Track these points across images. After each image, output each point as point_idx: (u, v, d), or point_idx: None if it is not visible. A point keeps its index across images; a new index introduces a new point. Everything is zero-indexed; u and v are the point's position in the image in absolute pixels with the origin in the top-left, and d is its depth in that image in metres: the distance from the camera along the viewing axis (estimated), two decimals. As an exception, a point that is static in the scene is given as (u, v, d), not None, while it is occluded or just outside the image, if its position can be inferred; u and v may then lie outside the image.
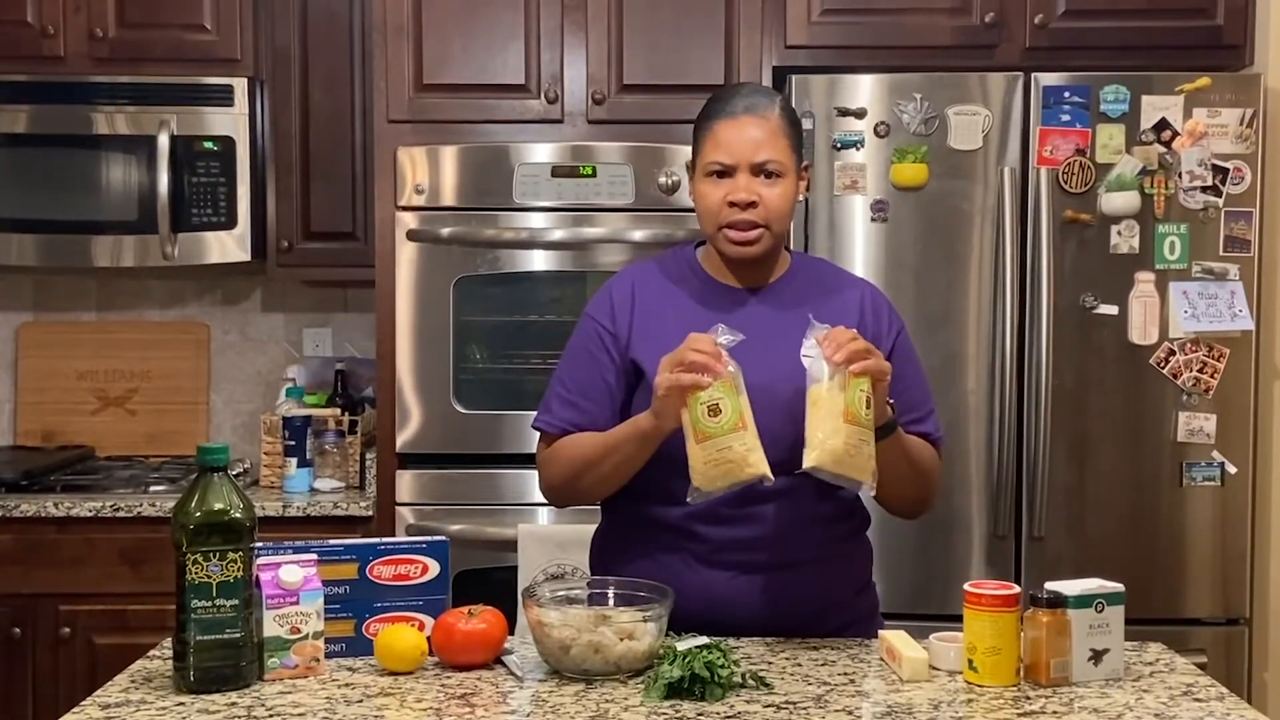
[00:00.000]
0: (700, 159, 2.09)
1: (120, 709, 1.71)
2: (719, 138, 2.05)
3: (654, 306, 2.11)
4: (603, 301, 2.15)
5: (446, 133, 3.27)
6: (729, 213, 2.04)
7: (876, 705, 1.73)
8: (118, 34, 3.48)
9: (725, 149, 2.04)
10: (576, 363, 2.13)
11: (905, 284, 3.12)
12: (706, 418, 1.87)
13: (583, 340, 2.14)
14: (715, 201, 2.05)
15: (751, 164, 2.04)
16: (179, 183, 3.46)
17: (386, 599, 1.96)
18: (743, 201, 2.03)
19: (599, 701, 1.74)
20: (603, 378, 2.10)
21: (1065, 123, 3.10)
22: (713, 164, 2.05)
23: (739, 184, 2.04)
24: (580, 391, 2.11)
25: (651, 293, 2.13)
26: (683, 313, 2.09)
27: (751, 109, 2.05)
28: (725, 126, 2.05)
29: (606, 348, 2.10)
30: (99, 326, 3.92)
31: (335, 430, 3.53)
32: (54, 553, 3.28)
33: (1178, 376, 3.12)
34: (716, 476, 1.88)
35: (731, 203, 2.04)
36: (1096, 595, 1.83)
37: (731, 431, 1.87)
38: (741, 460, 1.87)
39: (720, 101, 2.09)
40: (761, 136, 2.04)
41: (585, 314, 2.16)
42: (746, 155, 2.04)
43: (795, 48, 3.27)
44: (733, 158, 2.04)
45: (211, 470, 1.79)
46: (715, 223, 2.07)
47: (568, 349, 2.17)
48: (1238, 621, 3.17)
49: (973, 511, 3.14)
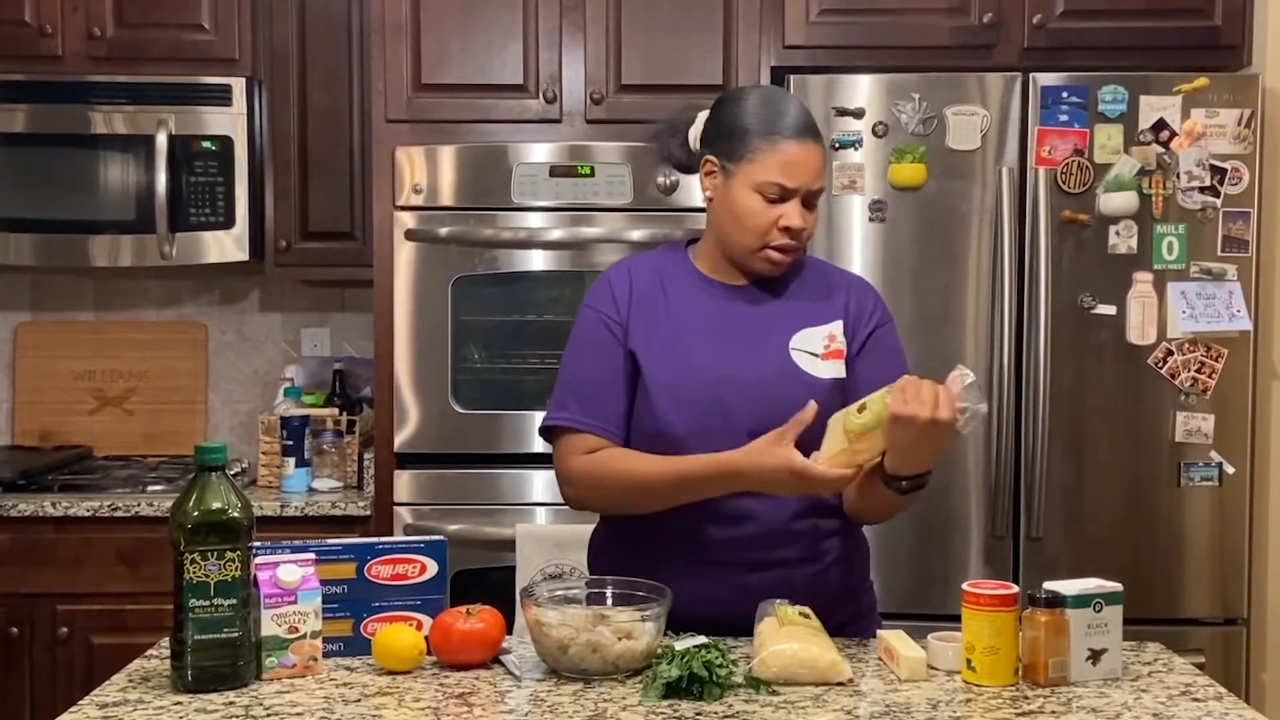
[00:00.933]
0: (750, 170, 2.01)
1: (118, 708, 1.71)
2: (786, 157, 1.99)
3: (649, 299, 2.10)
4: (603, 292, 2.12)
5: (445, 132, 3.27)
6: (778, 236, 2.02)
7: (874, 705, 1.73)
8: (116, 33, 3.48)
9: (790, 173, 1.99)
10: (587, 355, 2.09)
11: (903, 284, 3.12)
12: (854, 411, 1.88)
13: (589, 332, 2.10)
14: (765, 222, 2.01)
15: (808, 191, 2.02)
16: (177, 182, 3.46)
17: (384, 598, 1.96)
18: (798, 229, 2.02)
19: (597, 701, 1.74)
20: (618, 368, 2.07)
21: (1063, 123, 3.10)
22: (771, 184, 2.00)
23: (796, 210, 2.01)
24: (597, 384, 2.07)
25: (647, 286, 2.11)
26: (676, 308, 2.09)
27: (812, 130, 2.02)
28: (793, 147, 2.00)
29: (616, 336, 2.08)
30: (97, 326, 3.92)
31: (333, 430, 3.53)
32: (52, 552, 3.28)
33: (1175, 377, 3.12)
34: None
35: (786, 228, 2.01)
36: (1095, 595, 1.83)
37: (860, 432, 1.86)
38: None
39: (774, 114, 2.02)
40: (820, 164, 2.03)
41: (586, 306, 2.13)
42: (809, 182, 2.01)
43: (793, 48, 3.27)
44: (796, 183, 2.00)
45: (209, 470, 1.79)
46: (760, 241, 2.03)
47: (574, 342, 2.12)
48: (1235, 621, 3.17)
49: (971, 511, 3.14)
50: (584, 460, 2.06)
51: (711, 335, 2.07)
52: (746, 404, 2.01)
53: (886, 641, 1.90)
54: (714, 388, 2.03)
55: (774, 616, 1.88)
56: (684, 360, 2.05)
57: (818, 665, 1.79)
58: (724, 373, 2.03)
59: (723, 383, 2.03)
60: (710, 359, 2.04)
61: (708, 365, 2.04)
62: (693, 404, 2.02)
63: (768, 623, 1.88)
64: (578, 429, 2.07)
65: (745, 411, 2.01)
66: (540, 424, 2.13)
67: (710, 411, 2.02)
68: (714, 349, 2.05)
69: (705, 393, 2.02)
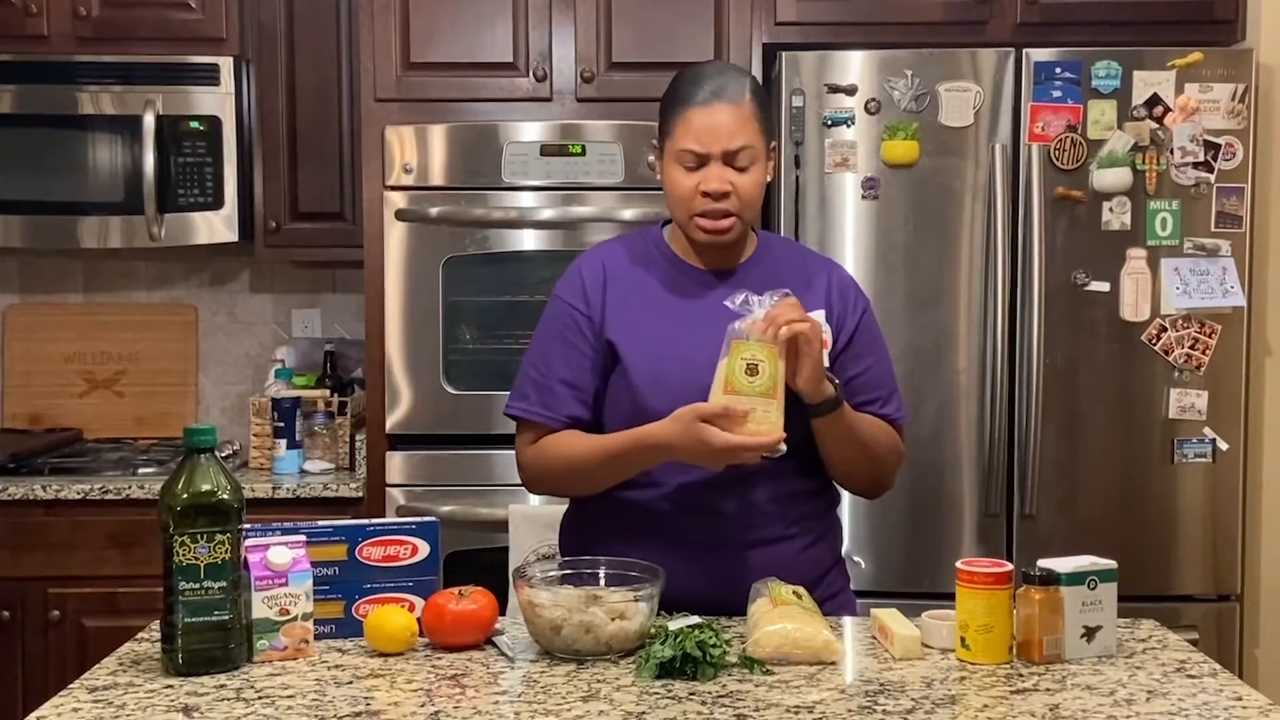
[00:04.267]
0: (670, 144, 2.04)
1: (109, 691, 1.70)
2: (691, 124, 2.01)
3: (625, 286, 2.10)
4: (573, 282, 2.12)
5: (434, 111, 3.25)
6: (701, 202, 2.03)
7: (869, 683, 1.73)
8: (101, 13, 3.45)
9: (698, 137, 2.01)
10: (551, 346, 2.11)
11: (896, 262, 3.11)
12: (743, 374, 1.88)
13: (556, 323, 2.11)
14: (687, 190, 2.03)
15: (725, 152, 2.01)
16: (165, 163, 3.44)
17: (376, 580, 1.95)
18: (716, 192, 2.01)
19: (590, 681, 1.73)
20: (579, 362, 2.08)
21: (1056, 99, 3.09)
22: (685, 152, 2.02)
23: (712, 173, 2.01)
24: (556, 376, 2.08)
25: (622, 273, 2.12)
26: (653, 295, 2.08)
27: (722, 93, 2.02)
28: (697, 113, 2.01)
29: (582, 330, 2.08)
30: (86, 308, 3.90)
31: (324, 412, 3.52)
32: (43, 536, 3.27)
33: (1169, 353, 3.12)
34: None
35: (704, 192, 2.02)
36: (1089, 572, 1.83)
37: (761, 396, 1.87)
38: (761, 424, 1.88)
39: (690, 85, 2.04)
40: (734, 124, 2.01)
41: (555, 296, 2.14)
42: (720, 144, 2.01)
43: (785, 24, 3.25)
44: (705, 146, 2.01)
45: (199, 452, 1.78)
46: (687, 210, 2.05)
47: (540, 331, 2.14)
48: (1229, 598, 3.18)
49: (964, 490, 3.14)
50: (532, 448, 2.10)
51: (689, 320, 2.06)
52: None
53: (880, 620, 1.90)
54: (693, 373, 2.00)
55: (767, 596, 1.88)
56: (661, 346, 2.05)
57: (811, 645, 1.78)
58: (702, 359, 1.99)
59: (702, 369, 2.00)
60: (688, 345, 2.02)
61: (686, 352, 2.02)
62: (672, 389, 2.00)
63: (761, 603, 1.87)
64: (530, 418, 2.09)
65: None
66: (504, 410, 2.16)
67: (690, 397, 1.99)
68: (692, 334, 2.03)
69: (684, 378, 2.01)
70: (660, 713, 1.62)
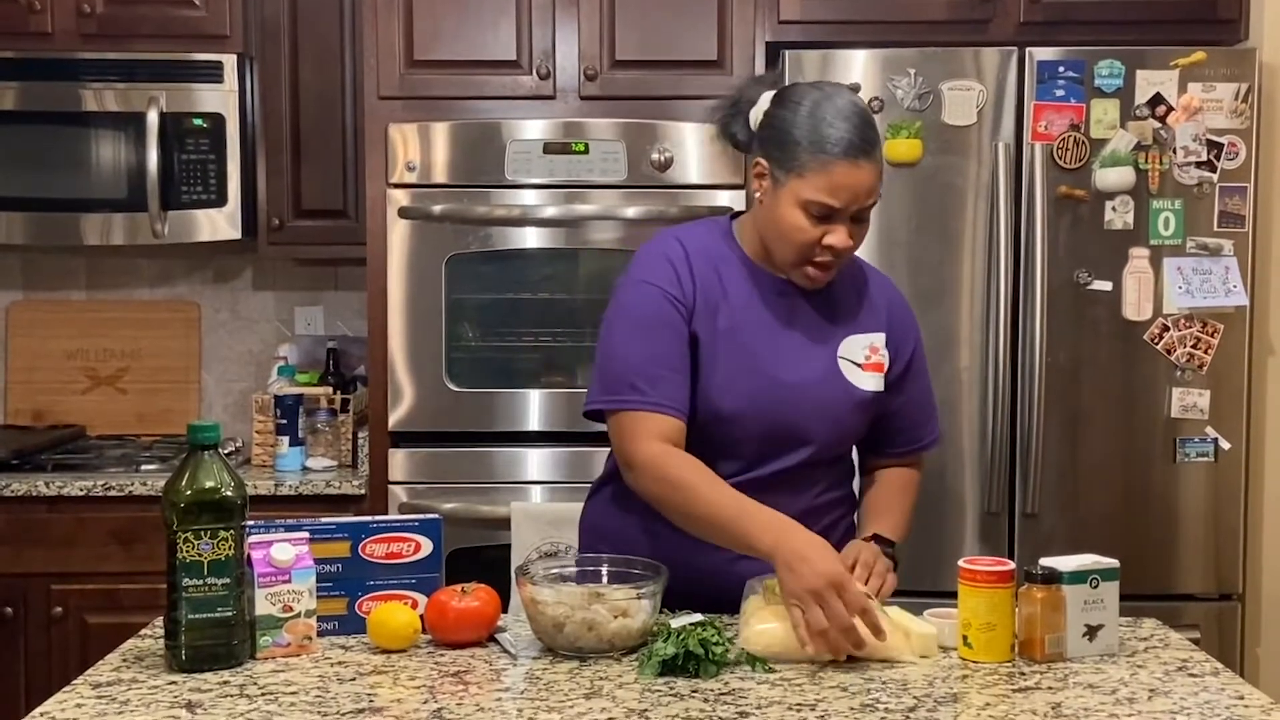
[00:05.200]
0: (800, 185, 1.94)
1: (112, 688, 1.71)
2: (834, 177, 1.92)
3: (709, 283, 2.04)
4: (663, 269, 2.02)
5: (438, 109, 3.25)
6: (821, 253, 1.98)
7: (871, 681, 1.73)
8: (105, 10, 3.45)
9: (839, 195, 1.93)
10: (654, 333, 2.00)
11: (898, 260, 3.11)
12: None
13: (653, 309, 2.00)
14: (810, 239, 1.96)
15: (860, 208, 1.97)
16: (168, 160, 3.44)
17: (379, 577, 1.95)
18: (841, 249, 1.97)
19: (593, 679, 1.73)
20: (681, 349, 2.00)
21: (1059, 98, 3.08)
22: (818, 203, 1.93)
23: (840, 230, 1.95)
24: (668, 364, 1.99)
25: (704, 268, 2.04)
26: (732, 295, 2.04)
27: (870, 151, 1.94)
28: (844, 168, 1.92)
29: (682, 316, 2.01)
30: (89, 305, 3.90)
31: (327, 409, 3.52)
32: (45, 532, 3.27)
33: (1171, 352, 3.12)
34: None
35: (829, 245, 1.96)
36: (1091, 571, 1.83)
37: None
38: None
39: (836, 132, 1.92)
40: (873, 182, 1.96)
41: (643, 281, 2.02)
42: (858, 204, 1.95)
43: (788, 23, 3.25)
44: (844, 204, 1.94)
45: (202, 448, 1.78)
46: (802, 257, 1.98)
47: (630, 319, 2.02)
48: (1230, 597, 3.18)
49: (966, 488, 3.14)
50: (657, 450, 1.96)
51: (768, 331, 2.04)
52: (795, 406, 2.03)
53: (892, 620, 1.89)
54: (769, 387, 2.02)
55: (759, 594, 1.88)
56: (743, 355, 2.02)
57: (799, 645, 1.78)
58: (778, 372, 2.02)
59: (777, 384, 2.02)
60: (767, 356, 2.03)
61: (764, 365, 2.02)
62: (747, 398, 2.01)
63: (753, 600, 1.88)
64: (650, 410, 1.97)
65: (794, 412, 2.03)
66: (593, 405, 2.03)
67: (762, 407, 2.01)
68: (770, 346, 2.03)
69: (761, 389, 2.01)
70: (663, 710, 1.62)
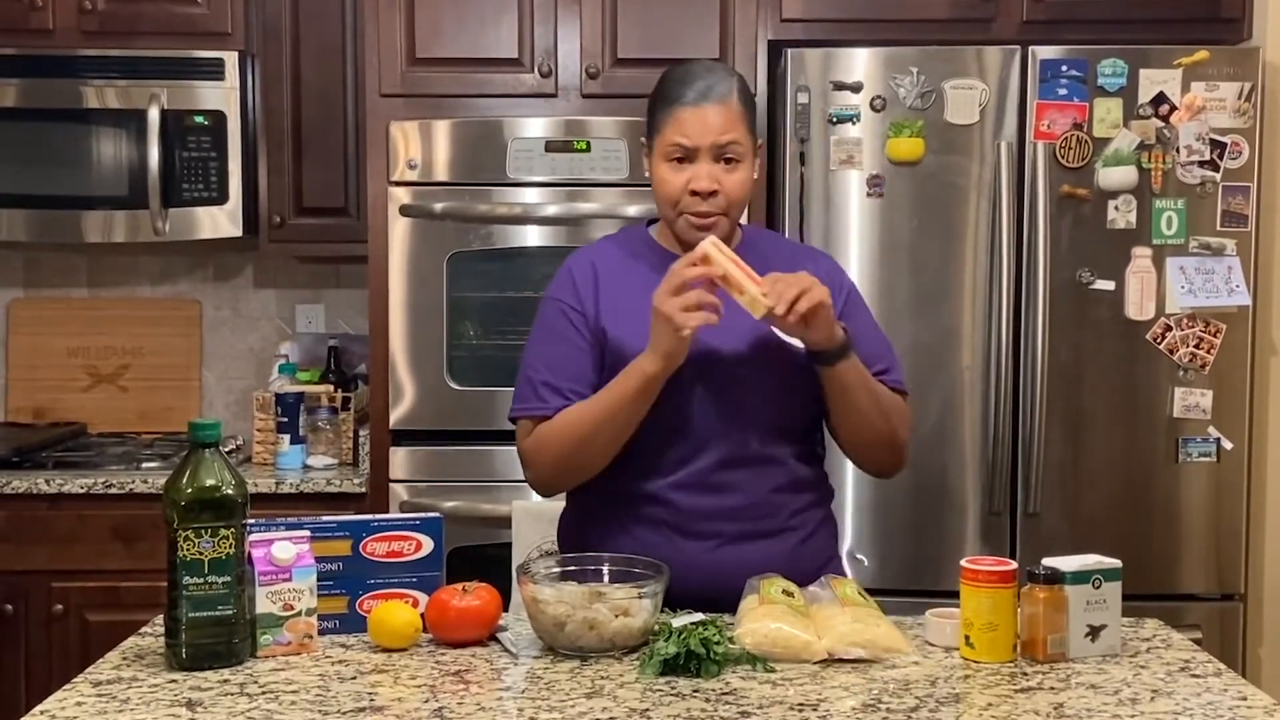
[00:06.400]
0: (659, 140, 2.07)
1: (112, 686, 1.70)
2: (680, 122, 2.03)
3: (617, 280, 2.11)
4: (564, 282, 2.14)
5: (439, 107, 3.25)
6: (690, 200, 2.05)
7: (872, 682, 1.73)
8: (107, 7, 3.45)
9: (686, 134, 2.03)
10: (549, 345, 2.11)
11: (901, 260, 3.11)
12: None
13: (550, 322, 2.12)
14: (676, 188, 2.06)
15: (714, 146, 2.04)
16: (170, 157, 3.44)
17: (380, 576, 1.95)
18: (705, 190, 2.04)
19: (594, 678, 1.73)
20: (577, 357, 2.09)
21: (1062, 97, 3.08)
22: (673, 146, 2.04)
23: (700, 171, 2.04)
24: (559, 373, 2.08)
25: (612, 267, 2.13)
26: (645, 285, 2.06)
27: (711, 93, 2.04)
28: (686, 111, 2.04)
29: (576, 326, 2.09)
30: (90, 303, 3.90)
31: (328, 407, 3.52)
32: (46, 530, 3.27)
33: (1174, 352, 3.11)
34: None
35: (693, 191, 2.04)
36: (1094, 571, 1.83)
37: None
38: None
39: (679, 84, 2.06)
40: (722, 122, 2.04)
41: (548, 296, 2.15)
42: (709, 138, 2.03)
43: (791, 21, 3.25)
44: (694, 140, 2.04)
45: (203, 446, 1.77)
46: (675, 208, 2.07)
47: (535, 334, 2.14)
48: (1232, 597, 3.17)
49: (968, 488, 3.14)
50: (530, 439, 2.10)
51: None
52: (738, 377, 2.05)
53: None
54: (706, 364, 2.03)
55: (757, 594, 1.88)
56: None
57: (791, 645, 1.78)
58: (704, 345, 2.01)
59: (713, 358, 2.03)
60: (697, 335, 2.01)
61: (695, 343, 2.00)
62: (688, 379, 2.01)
63: (750, 599, 1.88)
64: (538, 415, 2.08)
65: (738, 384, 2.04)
66: (509, 415, 2.15)
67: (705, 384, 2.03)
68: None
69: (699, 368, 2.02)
70: (664, 710, 1.62)
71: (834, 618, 1.83)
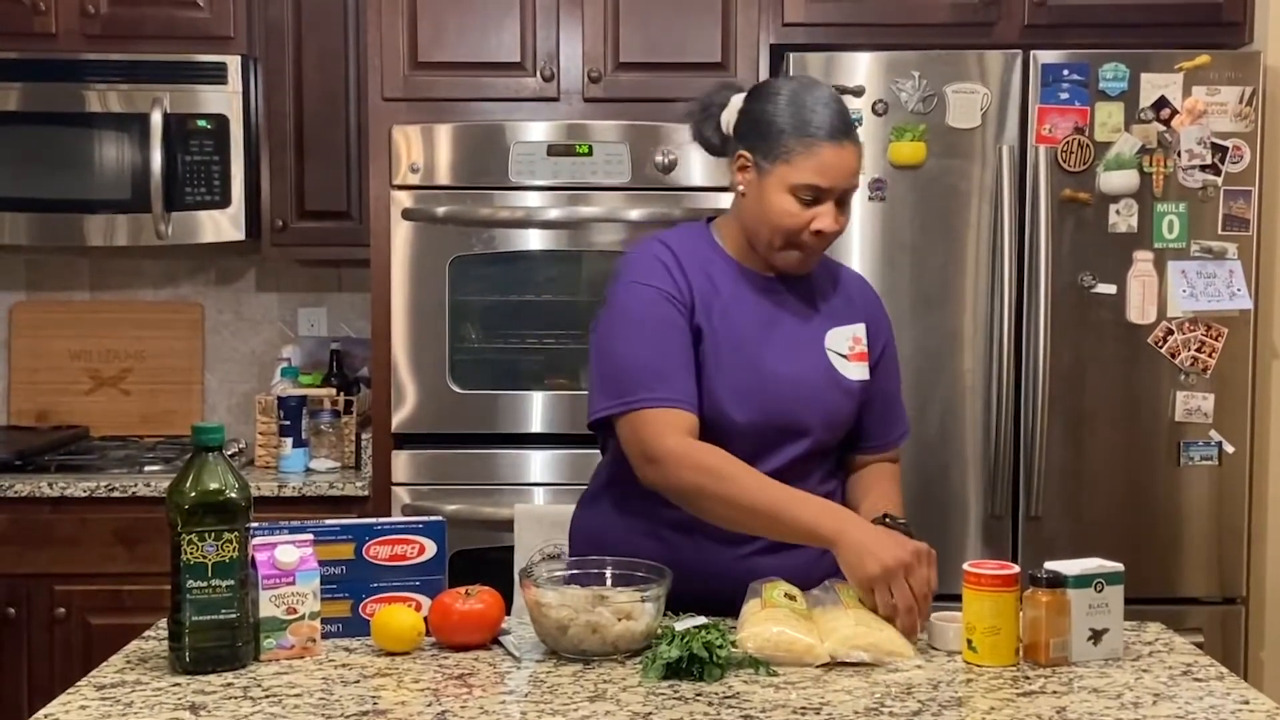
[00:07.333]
0: (787, 171, 1.98)
1: (115, 689, 1.70)
2: (822, 160, 1.97)
3: (700, 283, 2.05)
4: (656, 269, 2.04)
5: (441, 111, 3.25)
6: (809, 239, 2.01)
7: (875, 685, 1.73)
8: (109, 11, 3.45)
9: (828, 175, 1.97)
10: (657, 333, 2.00)
11: (903, 263, 3.11)
12: None
13: (653, 309, 2.01)
14: (799, 223, 2.00)
15: (844, 193, 2.01)
16: (172, 161, 3.44)
17: (383, 579, 1.95)
18: (831, 232, 2.01)
19: (597, 682, 1.73)
20: (685, 344, 2.01)
21: (1064, 101, 3.08)
22: (808, 186, 1.98)
23: (827, 213, 1.99)
24: (676, 360, 2.00)
25: (693, 265, 2.07)
26: (727, 293, 2.06)
27: (851, 131, 2.00)
28: (830, 150, 1.97)
29: (681, 313, 2.02)
30: (92, 306, 3.90)
31: (330, 410, 3.52)
32: (48, 533, 3.27)
33: (1176, 356, 3.12)
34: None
35: (817, 231, 2.00)
36: (1096, 575, 1.83)
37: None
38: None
39: (819, 116, 1.98)
40: (857, 165, 2.02)
41: (639, 283, 2.03)
42: (845, 184, 2.00)
43: (792, 25, 3.25)
44: (831, 184, 1.98)
45: (206, 450, 1.78)
46: (788, 241, 2.02)
47: (632, 322, 2.02)
48: (1234, 601, 3.17)
49: (969, 491, 3.14)
50: (685, 441, 1.96)
51: (760, 326, 2.06)
52: (793, 398, 2.05)
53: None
54: (768, 381, 2.03)
55: (760, 598, 1.88)
56: (741, 351, 2.04)
57: (793, 649, 1.79)
58: (775, 366, 2.04)
59: (775, 378, 2.04)
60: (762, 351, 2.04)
61: (760, 359, 2.04)
62: (750, 397, 2.02)
63: (753, 603, 1.88)
64: (667, 406, 1.97)
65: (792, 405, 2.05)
66: (604, 412, 2.02)
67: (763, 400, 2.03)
68: (764, 341, 2.05)
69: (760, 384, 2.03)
70: (666, 713, 1.62)
71: (836, 621, 1.83)
